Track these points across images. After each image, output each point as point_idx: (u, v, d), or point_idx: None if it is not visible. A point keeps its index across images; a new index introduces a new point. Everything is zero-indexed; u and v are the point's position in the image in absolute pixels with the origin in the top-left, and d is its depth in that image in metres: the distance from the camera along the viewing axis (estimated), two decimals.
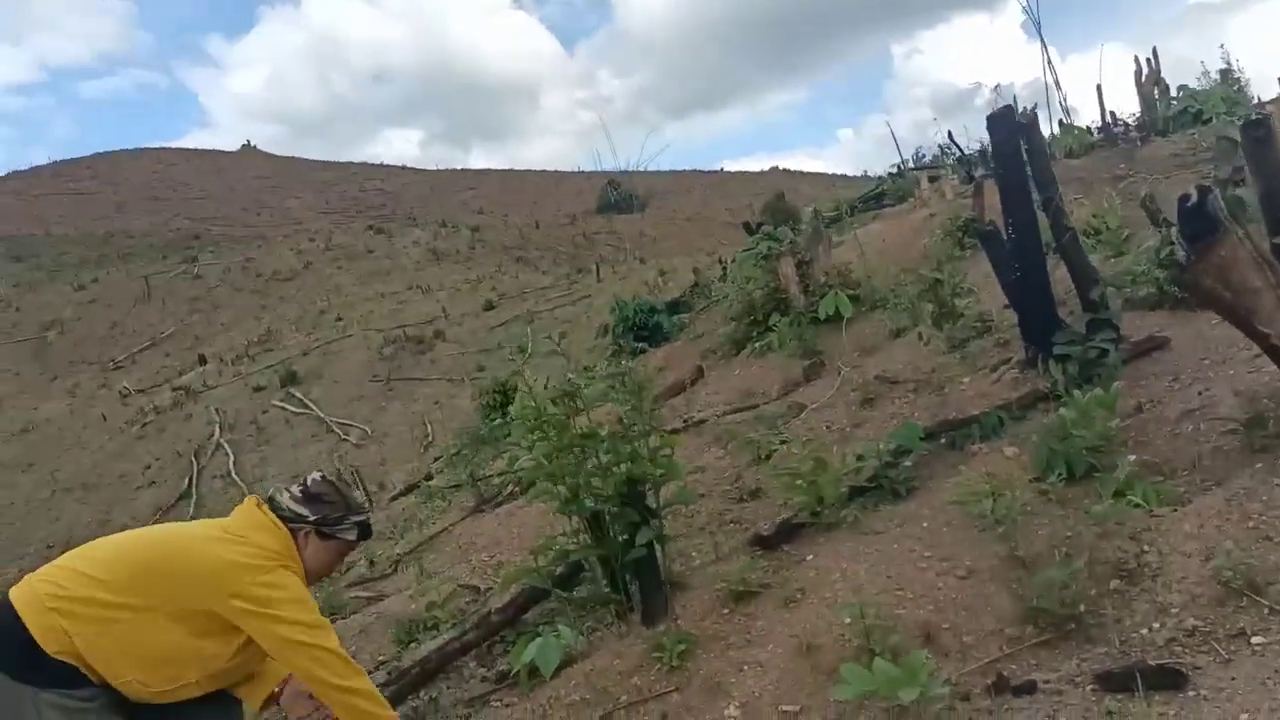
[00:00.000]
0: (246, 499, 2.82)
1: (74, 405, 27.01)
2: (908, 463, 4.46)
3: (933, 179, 15.08)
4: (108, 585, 2.46)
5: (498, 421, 12.23)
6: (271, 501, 2.75)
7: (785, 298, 8.61)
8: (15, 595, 2.49)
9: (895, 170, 21.75)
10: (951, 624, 3.28)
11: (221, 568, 2.53)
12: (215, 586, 2.51)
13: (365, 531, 2.91)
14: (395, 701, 4.05)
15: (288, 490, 2.81)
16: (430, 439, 18.69)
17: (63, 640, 2.40)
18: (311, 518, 2.72)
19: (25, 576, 2.58)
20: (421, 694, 4.10)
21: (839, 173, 61.67)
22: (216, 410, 22.28)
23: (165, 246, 46.26)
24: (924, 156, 25.66)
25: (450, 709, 3.92)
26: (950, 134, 20.72)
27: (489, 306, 27.36)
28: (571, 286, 28.82)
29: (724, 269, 14.84)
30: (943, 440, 4.73)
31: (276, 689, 2.85)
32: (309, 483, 2.82)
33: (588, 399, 4.06)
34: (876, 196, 17.44)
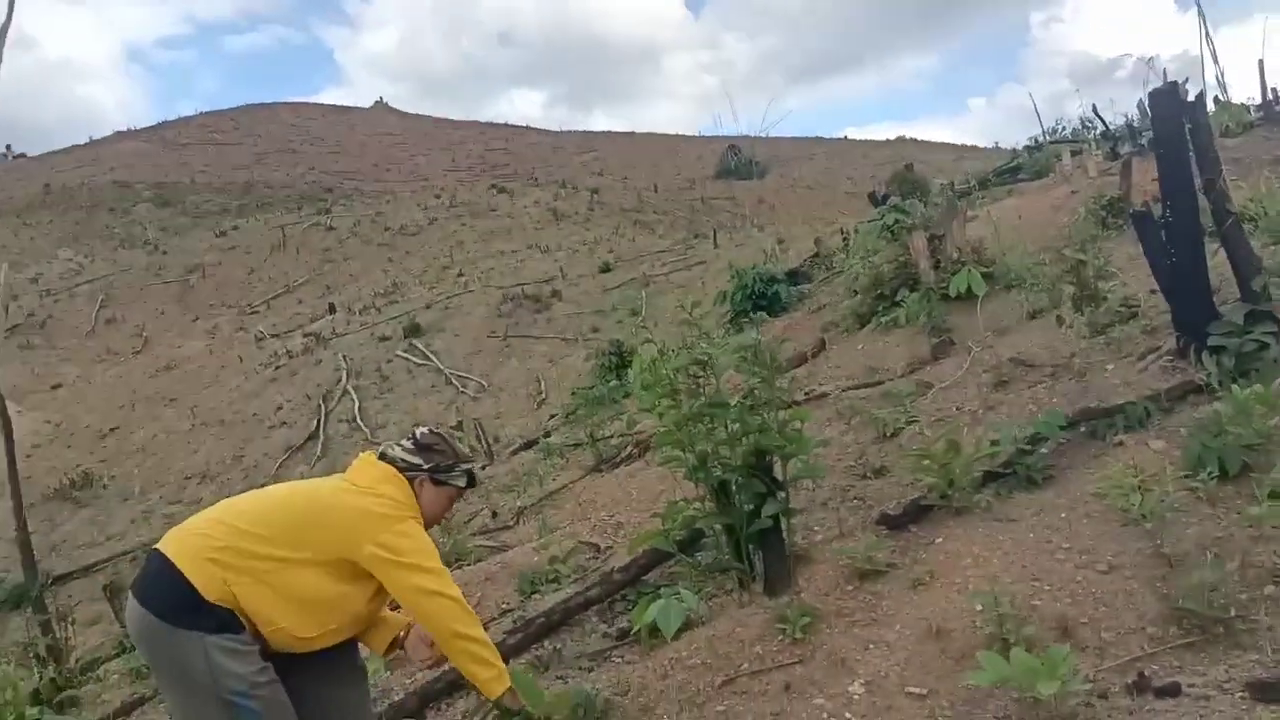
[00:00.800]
0: (362, 455, 2.97)
1: (213, 346, 28.52)
2: (1045, 450, 4.33)
3: (1074, 153, 14.44)
4: (261, 538, 2.60)
5: (614, 383, 12.39)
6: (384, 456, 2.90)
7: (915, 273, 8.42)
8: (169, 550, 2.61)
9: (1032, 143, 20.90)
10: (1090, 619, 3.19)
11: (359, 518, 2.68)
12: (356, 536, 2.65)
13: (471, 479, 3.03)
14: (520, 650, 4.21)
15: (398, 444, 2.95)
16: (544, 396, 19.06)
17: (222, 589, 2.52)
18: (425, 466, 2.86)
19: (170, 532, 2.72)
20: (545, 644, 4.23)
21: (968, 143, 59.53)
22: (344, 357, 23.18)
23: (300, 198, 48.15)
24: (1063, 129, 24.51)
25: (573, 660, 4.03)
26: (1095, 107, 19.78)
27: (605, 268, 27.58)
28: (688, 251, 28.78)
29: (846, 240, 14.58)
30: (1083, 429, 4.56)
31: (401, 634, 3.00)
32: (418, 435, 2.97)
33: (719, 368, 4.07)
34: (1012, 170, 16.80)
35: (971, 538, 3.82)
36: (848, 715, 3.05)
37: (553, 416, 15.03)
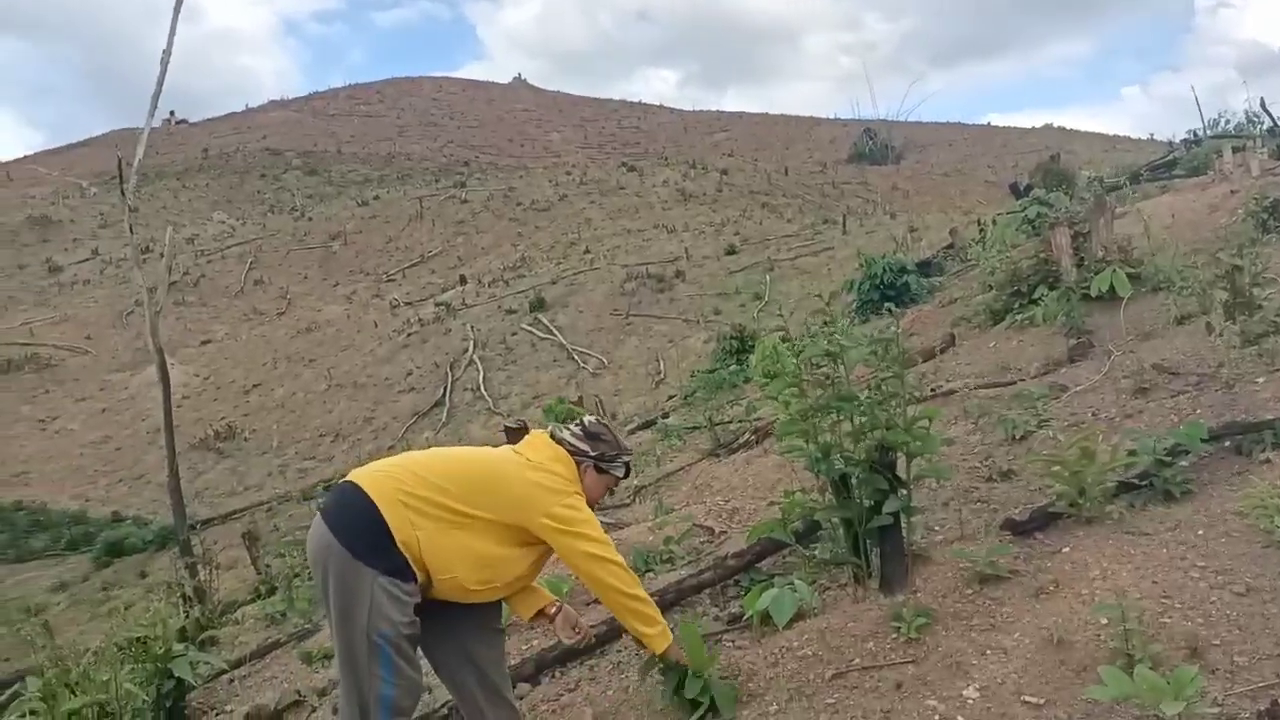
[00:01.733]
0: (535, 433, 3.20)
1: (350, 311, 29.78)
2: (1185, 463, 4.15)
3: (1236, 150, 13.59)
4: (450, 493, 2.82)
5: (734, 367, 12.41)
6: (554, 438, 3.11)
7: (1055, 270, 8.14)
8: (366, 485, 2.81)
9: (1191, 137, 19.76)
10: (1222, 641, 3.07)
11: (533, 490, 2.91)
12: (530, 507, 2.88)
13: (628, 470, 3.27)
14: None
15: (567, 428, 3.17)
16: (663, 376, 19.23)
17: (409, 533, 2.74)
18: (592, 453, 3.09)
19: (362, 470, 2.92)
20: None
21: (1120, 134, 56.71)
22: (471, 328, 23.90)
23: (439, 171, 49.67)
24: (1225, 123, 23.05)
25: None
26: (1263, 101, 18.54)
27: (730, 251, 27.53)
28: (815, 237, 28.44)
29: (982, 232, 14.16)
30: (1227, 444, 4.36)
31: (552, 609, 3.22)
32: (586, 423, 3.18)
33: (850, 361, 4.05)
34: (1166, 165, 15.94)
35: (1101, 549, 3.71)
36: (960, 718, 3.03)
37: (671, 397, 15.16)
